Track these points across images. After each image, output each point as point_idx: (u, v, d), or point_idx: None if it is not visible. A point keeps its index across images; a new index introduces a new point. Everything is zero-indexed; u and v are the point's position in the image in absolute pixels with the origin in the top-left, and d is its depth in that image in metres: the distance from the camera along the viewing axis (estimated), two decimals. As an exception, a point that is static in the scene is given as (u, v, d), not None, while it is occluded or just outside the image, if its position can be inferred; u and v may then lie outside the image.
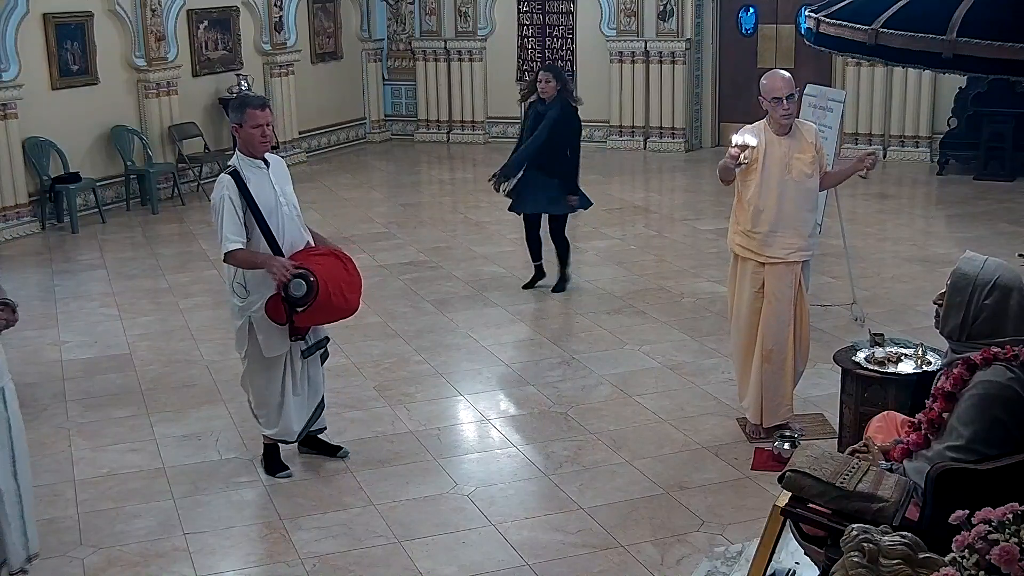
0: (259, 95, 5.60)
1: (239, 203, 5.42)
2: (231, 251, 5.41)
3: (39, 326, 8.47)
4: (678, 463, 5.91)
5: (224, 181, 5.48)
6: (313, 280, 5.38)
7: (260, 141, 5.51)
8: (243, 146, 5.56)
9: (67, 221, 11.60)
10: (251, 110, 5.47)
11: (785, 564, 4.56)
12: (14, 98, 11.20)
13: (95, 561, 5.06)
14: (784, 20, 14.63)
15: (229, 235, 5.39)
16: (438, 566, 4.95)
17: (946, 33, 3.26)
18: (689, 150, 15.19)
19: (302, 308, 5.42)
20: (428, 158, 15.75)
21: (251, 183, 5.47)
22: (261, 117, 5.47)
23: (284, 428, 5.78)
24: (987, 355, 3.92)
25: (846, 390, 5.59)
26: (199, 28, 13.63)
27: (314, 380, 5.87)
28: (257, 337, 5.58)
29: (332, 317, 5.70)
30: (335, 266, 5.58)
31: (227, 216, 5.40)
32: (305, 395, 5.82)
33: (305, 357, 5.75)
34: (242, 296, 5.58)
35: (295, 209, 5.66)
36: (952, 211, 11.79)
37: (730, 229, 6.10)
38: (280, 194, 5.56)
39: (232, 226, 5.40)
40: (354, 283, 5.67)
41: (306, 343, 5.71)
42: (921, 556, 3.14)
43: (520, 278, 9.43)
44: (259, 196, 5.47)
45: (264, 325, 5.53)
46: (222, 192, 5.44)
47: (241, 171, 5.49)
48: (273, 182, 5.57)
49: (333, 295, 5.47)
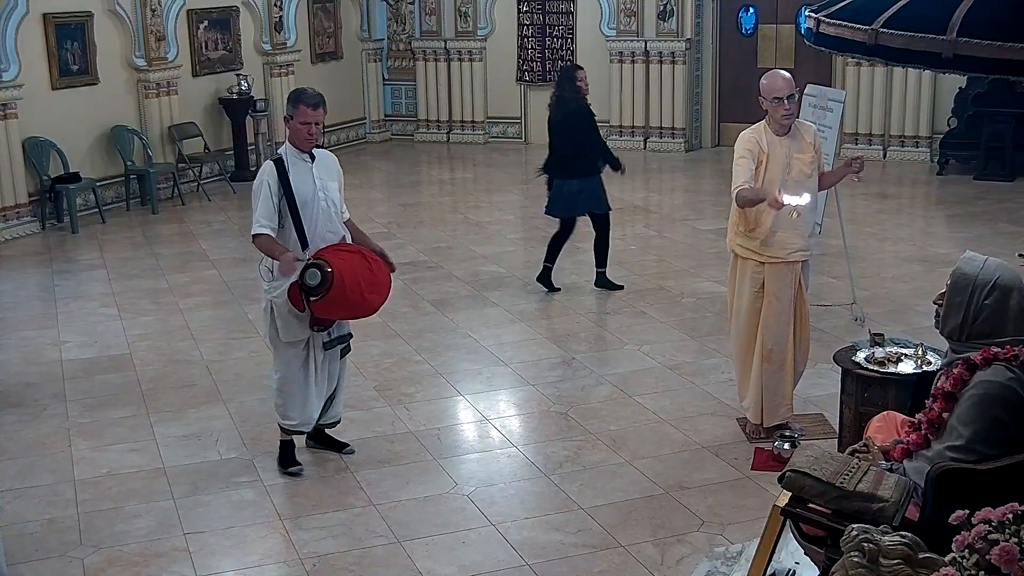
0: (316, 93, 5.66)
1: (276, 190, 5.56)
2: (258, 234, 5.56)
3: (39, 326, 8.47)
4: (678, 463, 5.91)
5: (266, 167, 5.65)
6: (329, 271, 5.45)
7: (305, 137, 5.64)
8: (291, 137, 5.69)
9: (67, 221, 11.60)
10: (303, 106, 5.60)
11: (785, 564, 4.56)
12: (14, 98, 11.20)
13: (95, 561, 5.06)
14: (784, 20, 14.64)
15: (261, 218, 5.56)
16: (438, 566, 4.95)
17: (946, 33, 3.26)
18: (689, 150, 15.19)
19: (315, 298, 5.49)
20: (428, 158, 15.75)
21: (292, 173, 5.60)
22: (311, 115, 5.60)
23: (306, 417, 5.85)
24: (987, 355, 3.92)
25: (846, 390, 5.59)
26: (199, 28, 13.63)
27: (332, 373, 5.94)
28: (276, 322, 5.68)
29: (348, 312, 5.75)
30: (358, 263, 5.64)
31: (262, 200, 5.56)
32: (324, 387, 5.90)
33: (326, 349, 5.82)
34: (267, 279, 5.70)
35: (334, 206, 5.75)
36: (952, 211, 11.79)
37: (730, 230, 6.10)
38: (320, 188, 5.66)
39: (265, 210, 5.56)
40: (377, 284, 5.72)
41: (329, 335, 5.79)
42: (921, 556, 3.14)
43: (520, 278, 9.44)
44: (297, 187, 5.59)
45: (283, 310, 5.62)
46: (262, 177, 5.61)
47: (286, 160, 5.62)
48: (315, 176, 5.67)
49: (349, 290, 5.52)
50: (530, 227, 11.39)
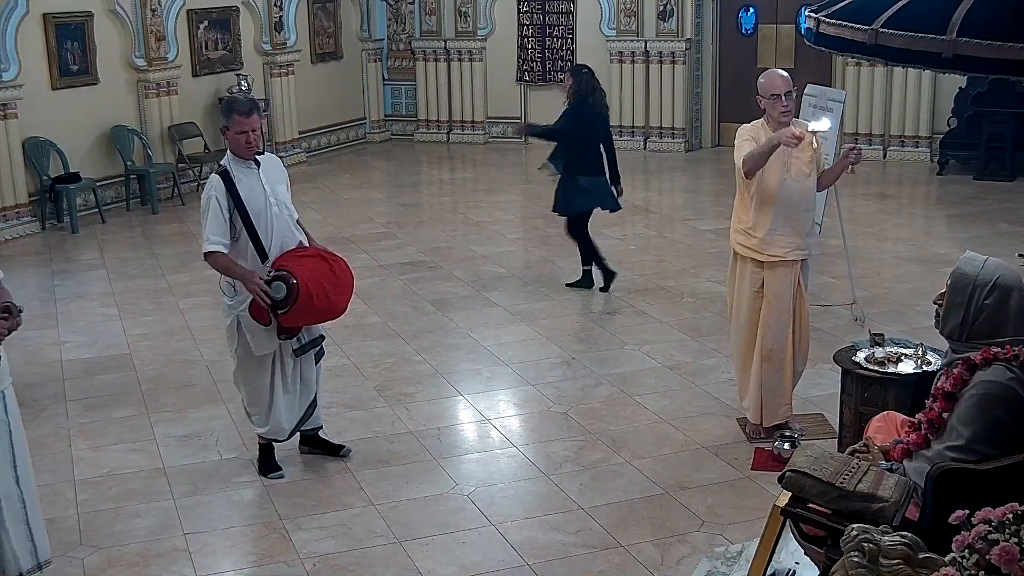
0: (248, 99, 5.56)
1: (226, 204, 5.43)
2: (211, 252, 5.44)
3: (39, 326, 8.47)
4: (678, 463, 5.91)
5: (213, 182, 5.50)
6: (294, 283, 5.38)
7: (245, 146, 5.51)
8: (231, 148, 5.58)
9: (67, 221, 11.60)
10: (236, 116, 5.47)
11: (785, 564, 4.56)
12: (14, 98, 11.20)
13: (95, 561, 5.06)
14: (784, 20, 14.64)
15: (211, 236, 5.42)
16: (438, 566, 4.95)
17: (946, 33, 3.26)
18: (689, 150, 15.20)
19: (283, 311, 5.42)
20: (428, 158, 15.75)
21: (240, 184, 5.47)
22: (247, 123, 5.46)
23: (274, 426, 5.78)
24: (987, 355, 3.92)
25: (846, 390, 5.59)
26: (199, 28, 13.63)
27: (307, 378, 5.85)
28: (245, 335, 5.60)
29: (317, 318, 5.68)
30: (320, 268, 5.56)
31: (212, 217, 5.42)
32: (297, 393, 5.81)
33: (298, 355, 5.75)
34: (230, 295, 5.61)
35: (287, 209, 5.65)
36: (952, 211, 11.79)
37: (732, 227, 6.10)
38: (271, 194, 5.55)
39: (215, 227, 5.42)
40: (341, 285, 5.64)
41: (299, 341, 5.72)
42: (921, 556, 3.14)
43: (520, 278, 9.44)
44: (248, 197, 5.46)
45: (251, 324, 5.54)
46: (209, 192, 5.47)
47: (231, 171, 5.50)
48: (264, 182, 5.56)
49: (316, 297, 5.44)
50: (530, 227, 11.40)
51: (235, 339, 5.66)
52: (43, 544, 4.59)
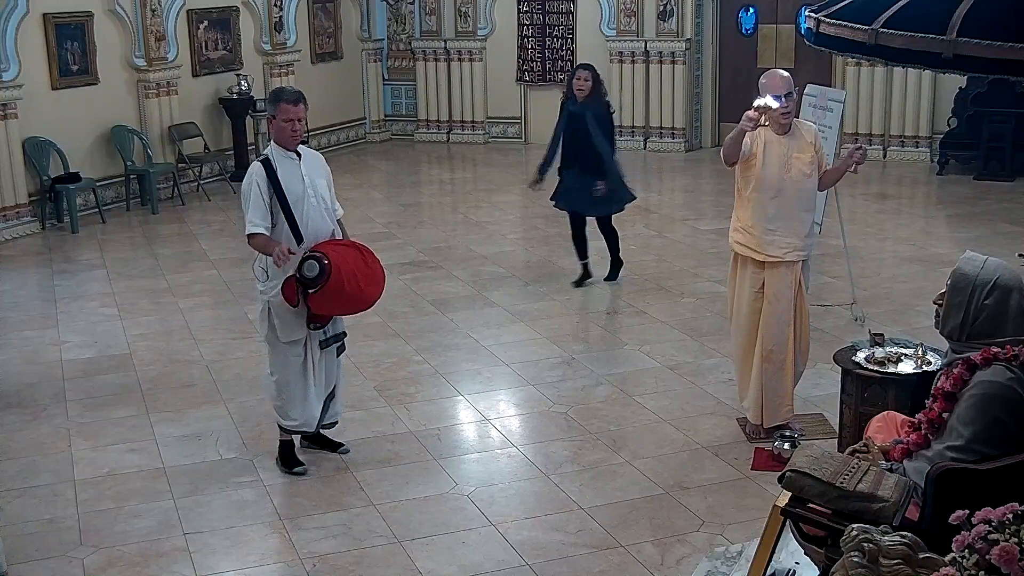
0: (295, 89, 5.72)
1: (266, 190, 5.58)
2: (252, 234, 5.58)
3: (39, 326, 8.47)
4: (678, 463, 5.91)
5: (254, 168, 5.65)
6: (327, 263, 5.48)
7: (291, 135, 5.66)
8: (275, 137, 5.71)
9: (67, 221, 11.60)
10: (284, 104, 5.63)
11: (785, 564, 4.56)
12: (14, 98, 11.20)
13: (95, 561, 5.06)
14: (784, 20, 14.64)
15: (253, 219, 5.57)
16: (438, 566, 4.95)
17: (946, 33, 3.26)
18: (689, 150, 15.19)
19: (314, 289, 5.50)
20: (428, 158, 15.75)
21: (280, 172, 5.62)
22: (293, 112, 5.63)
23: (307, 417, 5.85)
24: (987, 355, 3.92)
25: (846, 390, 5.59)
26: (199, 28, 13.63)
27: (329, 372, 5.94)
28: (274, 322, 5.68)
29: (346, 305, 5.77)
30: (354, 256, 5.69)
31: (253, 201, 5.57)
32: (323, 386, 5.90)
33: (323, 348, 5.83)
34: (263, 280, 5.71)
35: (324, 202, 5.77)
36: (952, 211, 11.79)
37: (731, 226, 6.10)
38: (309, 185, 5.68)
39: (257, 211, 5.57)
40: (373, 276, 5.76)
41: (324, 334, 5.80)
42: (921, 556, 3.14)
43: (520, 278, 9.44)
44: (287, 185, 5.61)
45: (280, 310, 5.63)
46: (251, 179, 5.62)
47: (273, 160, 5.64)
48: (304, 174, 5.70)
49: (347, 282, 5.54)
50: (530, 227, 11.40)
51: (265, 325, 5.77)
52: None
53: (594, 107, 8.65)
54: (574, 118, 8.68)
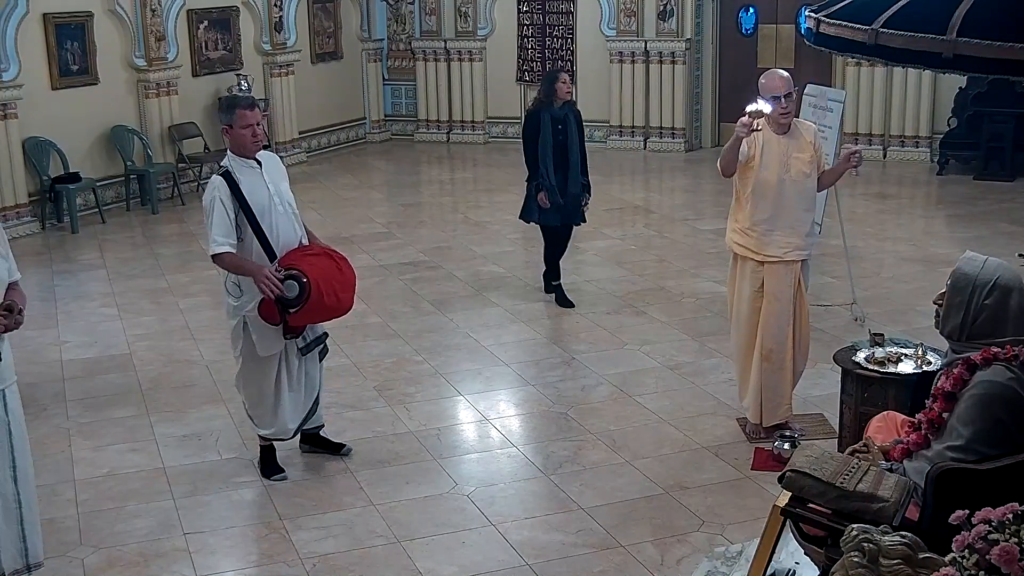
0: (247, 95, 5.54)
1: (231, 205, 5.38)
2: (218, 253, 5.40)
3: (39, 326, 8.46)
4: (678, 463, 5.91)
5: (215, 183, 5.44)
6: (306, 281, 5.37)
7: (251, 141, 5.48)
8: (234, 147, 5.53)
9: (67, 221, 11.60)
10: (240, 110, 5.44)
11: (785, 564, 4.56)
12: (14, 98, 11.20)
13: (95, 561, 5.06)
14: (784, 20, 14.63)
15: (218, 237, 5.37)
16: (438, 566, 4.95)
17: (946, 33, 3.26)
18: (689, 150, 15.20)
19: (295, 309, 5.41)
20: (428, 158, 15.75)
21: (243, 183, 5.44)
22: (251, 117, 5.44)
23: (280, 426, 5.77)
24: (987, 355, 3.92)
25: (846, 390, 5.59)
26: (199, 28, 13.63)
27: (311, 377, 5.85)
28: (251, 336, 5.57)
29: (325, 316, 5.69)
30: (328, 266, 5.56)
31: (217, 218, 5.37)
32: (301, 392, 5.80)
33: (304, 354, 5.74)
34: (236, 295, 5.57)
35: (291, 207, 5.62)
36: (952, 211, 11.79)
37: (728, 227, 6.10)
38: (275, 192, 5.53)
39: (221, 228, 5.37)
40: (347, 282, 5.63)
41: (304, 340, 5.71)
42: (921, 556, 3.14)
43: (520, 278, 9.44)
44: (252, 196, 5.43)
45: (258, 324, 5.52)
46: (213, 194, 5.41)
47: (233, 172, 5.46)
48: (267, 181, 5.53)
49: (326, 295, 5.45)
50: (530, 227, 11.37)
51: (240, 341, 5.63)
52: (35, 547, 4.55)
53: (572, 109, 8.52)
54: (558, 123, 8.33)
